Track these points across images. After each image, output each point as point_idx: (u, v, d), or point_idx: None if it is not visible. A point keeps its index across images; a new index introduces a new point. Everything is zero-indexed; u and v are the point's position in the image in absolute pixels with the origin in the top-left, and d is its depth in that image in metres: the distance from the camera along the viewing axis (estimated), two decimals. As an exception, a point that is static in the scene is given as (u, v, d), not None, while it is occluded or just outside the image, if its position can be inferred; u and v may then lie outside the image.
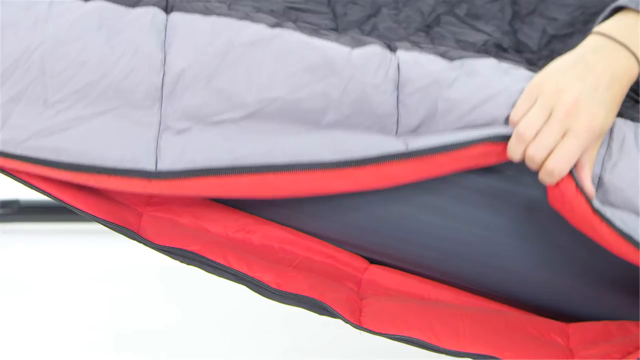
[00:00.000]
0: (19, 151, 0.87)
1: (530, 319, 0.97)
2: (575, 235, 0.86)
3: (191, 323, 1.42)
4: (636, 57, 0.83)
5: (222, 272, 0.91)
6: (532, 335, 0.94)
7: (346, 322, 0.90)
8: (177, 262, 0.92)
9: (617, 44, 0.83)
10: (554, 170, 0.82)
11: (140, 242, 0.92)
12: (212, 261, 0.90)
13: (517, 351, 0.90)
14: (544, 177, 0.83)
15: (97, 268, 1.57)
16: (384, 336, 0.90)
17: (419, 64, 0.88)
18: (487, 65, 0.88)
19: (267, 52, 0.87)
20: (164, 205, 0.95)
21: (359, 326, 0.90)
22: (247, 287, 0.91)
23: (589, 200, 0.82)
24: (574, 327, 0.96)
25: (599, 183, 0.86)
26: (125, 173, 0.86)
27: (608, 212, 0.83)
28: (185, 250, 0.91)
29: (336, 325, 0.94)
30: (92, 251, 1.61)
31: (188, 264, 0.92)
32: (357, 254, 0.98)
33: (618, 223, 0.82)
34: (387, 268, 0.98)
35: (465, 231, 0.93)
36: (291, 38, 0.88)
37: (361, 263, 0.98)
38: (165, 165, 0.86)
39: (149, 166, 0.86)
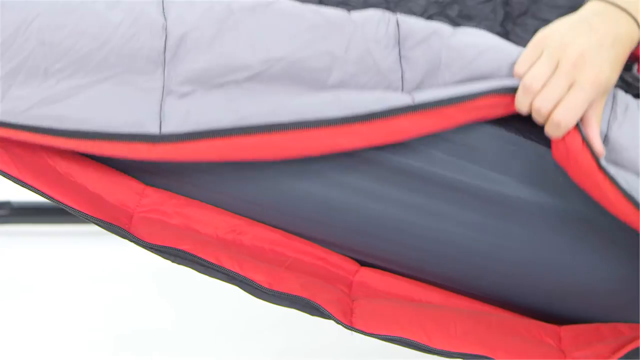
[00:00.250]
0: (20, 120, 0.85)
1: (522, 321, 0.97)
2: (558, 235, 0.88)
3: (186, 324, 1.42)
4: (637, 22, 0.84)
5: (214, 271, 0.90)
6: (524, 336, 0.93)
7: (338, 323, 0.90)
8: (171, 264, 0.92)
9: (618, 9, 0.84)
10: (560, 122, 0.82)
11: (131, 240, 0.91)
12: (204, 260, 0.90)
13: (509, 351, 0.90)
14: (551, 129, 0.83)
15: (91, 270, 1.56)
16: (375, 337, 0.90)
17: (418, 21, 0.89)
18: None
19: (267, 14, 0.87)
20: (155, 207, 0.94)
21: (350, 327, 0.90)
22: (239, 287, 0.91)
23: (594, 156, 0.82)
24: (565, 329, 0.96)
25: (605, 140, 0.86)
26: (130, 138, 0.85)
27: (612, 170, 0.83)
28: (176, 249, 0.90)
29: (330, 326, 0.93)
30: (86, 253, 1.61)
31: (179, 263, 0.91)
32: (347, 256, 0.98)
33: (622, 182, 0.82)
34: (377, 270, 0.98)
35: (450, 232, 0.92)
36: (288, 3, 0.88)
37: (352, 265, 0.98)
38: (169, 128, 0.86)
39: (154, 129, 0.86)
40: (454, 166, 0.89)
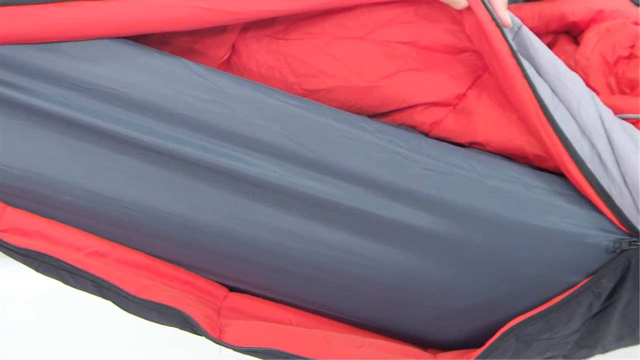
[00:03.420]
0: None
1: (398, 346, 0.96)
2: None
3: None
4: None
5: (80, 278, 0.86)
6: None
7: (208, 337, 0.86)
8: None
9: None
10: None
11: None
12: (70, 265, 0.85)
13: None
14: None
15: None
16: (245, 351, 0.86)
17: None
18: None
19: None
20: (14, 225, 0.89)
21: (219, 341, 0.86)
22: (105, 297, 0.86)
23: (507, 40, 0.85)
24: (441, 356, 0.96)
25: (517, 32, 0.90)
26: None
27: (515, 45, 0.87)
28: (41, 253, 0.85)
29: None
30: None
31: (44, 272, 0.86)
32: (216, 281, 0.95)
33: (529, 71, 0.86)
34: (247, 296, 0.95)
35: (318, 253, 0.90)
36: None
37: (220, 290, 0.95)
38: None
39: None
40: (319, 183, 0.88)
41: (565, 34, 1.06)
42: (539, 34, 0.98)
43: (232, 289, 0.96)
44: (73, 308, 1.08)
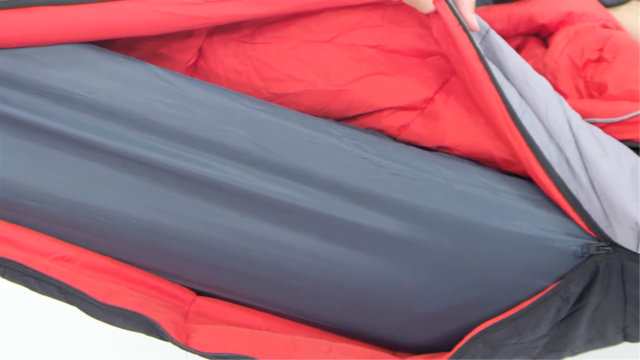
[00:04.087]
0: None
1: (366, 350, 0.96)
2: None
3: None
4: None
5: (46, 285, 0.85)
6: None
7: (174, 343, 0.86)
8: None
9: None
10: None
11: None
12: (35, 271, 0.85)
13: None
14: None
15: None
16: (211, 357, 0.86)
17: None
18: None
19: None
20: None
21: (186, 347, 0.86)
22: (72, 303, 0.86)
23: (474, 44, 0.85)
24: (410, 359, 0.96)
25: (485, 36, 0.90)
26: None
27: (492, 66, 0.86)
28: (4, 259, 0.85)
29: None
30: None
31: (9, 278, 0.86)
32: (184, 285, 0.95)
33: (496, 75, 0.86)
34: (215, 300, 0.95)
35: (285, 257, 0.90)
36: None
37: (187, 295, 0.94)
38: None
39: None
40: (286, 188, 0.88)
41: (534, 37, 1.05)
42: (508, 37, 0.98)
43: (200, 293, 0.96)
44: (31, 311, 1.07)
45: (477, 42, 0.87)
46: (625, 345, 0.99)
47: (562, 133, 0.87)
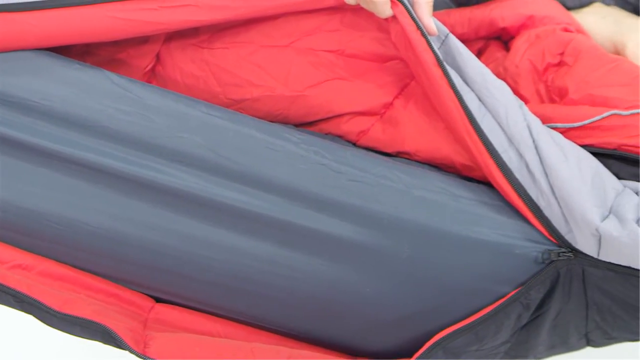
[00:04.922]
0: None
1: (327, 357, 0.95)
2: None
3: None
4: None
5: (1, 292, 0.85)
6: None
7: (131, 352, 0.85)
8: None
9: None
10: None
11: None
12: None
13: None
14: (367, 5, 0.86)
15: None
16: (168, 366, 0.86)
17: None
18: None
19: None
20: None
21: (144, 356, 0.86)
22: (28, 312, 0.86)
23: (432, 49, 0.85)
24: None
25: (445, 40, 0.89)
26: None
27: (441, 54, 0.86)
28: None
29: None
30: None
31: None
32: (143, 292, 0.94)
33: (455, 80, 0.86)
34: (174, 306, 0.94)
35: (241, 263, 0.89)
36: None
37: (146, 302, 0.93)
38: None
39: None
40: (243, 194, 0.87)
41: (496, 40, 1.04)
42: (469, 40, 0.97)
43: (159, 300, 0.95)
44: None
45: (435, 47, 0.86)
46: (626, 346, 0.98)
47: (522, 138, 0.86)
